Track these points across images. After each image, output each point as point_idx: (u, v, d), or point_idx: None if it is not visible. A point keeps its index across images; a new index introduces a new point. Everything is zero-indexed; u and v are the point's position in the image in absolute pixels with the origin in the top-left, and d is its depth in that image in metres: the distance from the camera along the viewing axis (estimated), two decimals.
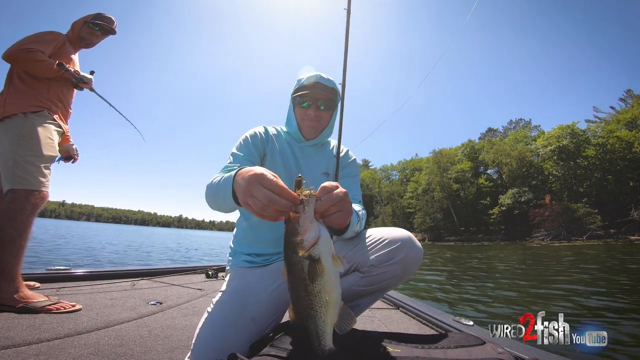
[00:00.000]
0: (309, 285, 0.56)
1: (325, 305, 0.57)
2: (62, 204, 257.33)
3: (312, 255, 0.56)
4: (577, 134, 31.72)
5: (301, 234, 0.56)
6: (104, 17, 1.78)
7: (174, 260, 8.07)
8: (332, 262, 0.57)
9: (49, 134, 1.53)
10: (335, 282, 0.58)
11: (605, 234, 25.19)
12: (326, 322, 0.58)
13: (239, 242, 1.09)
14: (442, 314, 1.57)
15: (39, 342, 1.01)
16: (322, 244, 0.56)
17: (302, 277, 0.57)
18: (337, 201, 0.60)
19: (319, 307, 0.57)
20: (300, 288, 0.58)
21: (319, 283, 0.56)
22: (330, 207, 0.59)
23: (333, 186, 0.60)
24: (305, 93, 1.06)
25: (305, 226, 0.56)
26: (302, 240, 0.56)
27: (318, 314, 0.58)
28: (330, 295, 0.57)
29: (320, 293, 0.57)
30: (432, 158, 44.89)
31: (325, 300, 0.57)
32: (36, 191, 1.43)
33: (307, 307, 0.58)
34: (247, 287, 0.90)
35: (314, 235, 0.56)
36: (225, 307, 0.85)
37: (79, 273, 2.16)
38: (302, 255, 0.55)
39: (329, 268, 0.56)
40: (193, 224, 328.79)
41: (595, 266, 7.10)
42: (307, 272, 0.56)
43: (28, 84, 1.54)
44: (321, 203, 0.59)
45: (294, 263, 0.57)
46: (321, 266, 0.56)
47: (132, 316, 1.38)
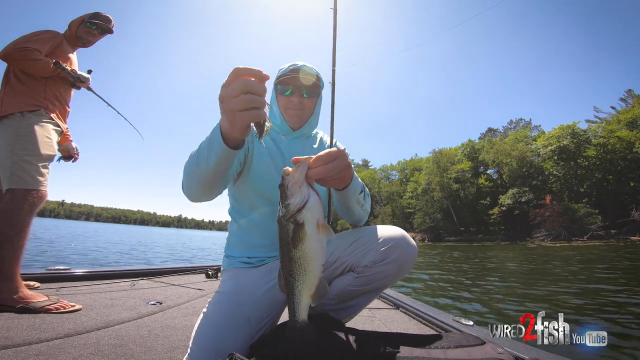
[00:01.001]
0: (291, 251, 0.57)
1: (304, 273, 0.57)
2: (62, 203, 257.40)
3: (296, 220, 0.56)
4: (578, 134, 31.68)
5: (288, 197, 0.56)
6: (101, 16, 1.78)
7: (182, 259, 8.07)
8: (315, 229, 0.57)
9: (47, 133, 1.53)
10: (316, 250, 0.57)
11: (606, 234, 25.15)
12: (302, 292, 0.59)
13: (232, 248, 1.06)
14: (442, 313, 1.57)
15: (39, 342, 1.01)
16: (307, 209, 0.56)
17: (286, 241, 0.57)
18: (333, 171, 0.60)
19: (297, 275, 0.58)
20: (284, 252, 0.58)
21: (300, 249, 0.56)
22: (325, 175, 0.60)
23: (331, 156, 0.60)
24: (287, 79, 1.02)
25: (292, 190, 0.56)
26: (288, 204, 0.56)
27: (296, 281, 0.58)
28: (309, 263, 0.57)
29: (300, 259, 0.57)
30: (432, 158, 44.86)
31: (304, 268, 0.57)
32: (34, 190, 1.43)
33: (288, 273, 0.59)
34: (241, 288, 0.90)
35: (299, 200, 0.56)
36: (221, 308, 0.84)
37: (78, 273, 2.16)
38: (288, 218, 0.56)
39: (312, 235, 0.56)
40: (192, 224, 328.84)
41: (603, 266, 7.09)
42: (291, 236, 0.56)
43: (25, 83, 1.53)
44: (314, 172, 0.59)
45: (282, 227, 0.58)
46: (304, 232, 0.56)
47: (132, 316, 1.38)
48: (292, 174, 0.57)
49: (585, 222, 26.37)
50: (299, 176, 0.57)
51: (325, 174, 0.60)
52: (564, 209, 27.72)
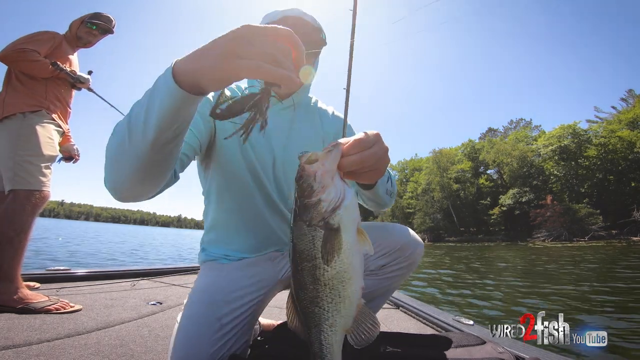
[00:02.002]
0: (320, 268, 0.40)
1: (338, 301, 0.40)
2: (61, 203, 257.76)
3: (329, 223, 0.39)
4: (579, 133, 31.68)
5: (318, 192, 0.40)
6: (101, 16, 1.78)
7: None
8: (355, 237, 0.41)
9: (48, 134, 1.53)
10: (356, 267, 0.41)
11: (607, 234, 25.11)
12: (336, 328, 0.42)
13: (209, 243, 0.90)
14: (443, 313, 1.57)
15: (39, 342, 1.01)
16: (345, 209, 0.40)
17: (311, 255, 0.40)
18: (373, 162, 0.44)
19: (328, 303, 0.40)
20: (306, 272, 0.41)
21: (335, 265, 0.40)
22: (363, 166, 0.44)
23: (370, 141, 0.44)
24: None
25: (324, 182, 0.40)
26: (320, 200, 0.40)
27: (325, 313, 0.41)
28: (347, 285, 0.40)
29: (334, 280, 0.40)
30: (432, 158, 44.87)
31: (338, 292, 0.40)
32: (37, 191, 1.43)
33: (311, 301, 0.41)
34: (214, 286, 0.77)
35: (335, 195, 0.40)
36: (193, 306, 0.74)
37: (79, 273, 2.16)
38: (317, 222, 0.40)
39: (352, 245, 0.40)
40: (192, 224, 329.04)
41: (605, 266, 7.08)
42: (322, 247, 0.39)
43: (26, 84, 1.54)
44: (350, 161, 0.43)
45: (302, 234, 0.41)
46: (340, 240, 0.40)
47: (132, 316, 1.38)
48: (321, 161, 0.41)
49: (586, 222, 26.33)
50: (330, 164, 0.41)
51: (362, 164, 0.43)
52: (564, 209, 27.70)
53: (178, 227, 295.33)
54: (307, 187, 0.41)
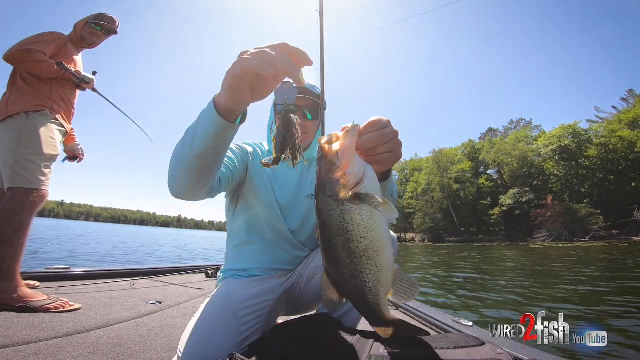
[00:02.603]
0: (354, 241, 0.41)
1: (377, 271, 0.42)
2: (61, 203, 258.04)
3: (359, 195, 0.41)
4: (579, 133, 31.65)
5: (342, 167, 0.42)
6: (105, 17, 1.78)
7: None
8: (381, 207, 0.42)
9: (51, 133, 1.53)
10: (386, 235, 0.43)
11: (608, 234, 25.09)
12: (379, 296, 0.43)
13: (227, 261, 1.11)
14: (442, 314, 1.57)
15: (38, 341, 1.01)
16: (368, 181, 0.42)
17: (343, 228, 0.41)
18: (387, 140, 0.47)
19: (367, 275, 0.42)
20: (341, 246, 0.42)
21: (367, 236, 0.41)
22: (378, 145, 0.47)
23: (384, 123, 0.48)
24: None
25: (347, 158, 0.42)
26: (345, 175, 0.41)
27: (368, 284, 0.42)
28: (381, 253, 0.42)
29: (369, 251, 0.41)
30: (432, 158, 44.86)
31: (375, 261, 0.42)
32: (35, 190, 1.43)
33: (351, 275, 0.43)
34: (231, 291, 0.92)
35: (358, 169, 0.42)
36: (210, 306, 0.86)
37: (78, 272, 2.16)
38: (344, 196, 0.41)
39: (379, 213, 0.42)
40: (192, 224, 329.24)
41: (607, 265, 7.07)
42: (350, 221, 0.41)
43: (30, 84, 1.55)
44: (366, 138, 0.46)
45: (331, 210, 0.42)
46: (370, 211, 0.41)
47: (131, 315, 1.38)
48: (341, 139, 0.43)
49: (587, 222, 26.32)
50: (349, 142, 0.43)
51: (378, 142, 0.47)
52: (565, 209, 27.69)
53: (178, 228, 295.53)
54: (329, 164, 0.43)
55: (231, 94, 0.53)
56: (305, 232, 1.04)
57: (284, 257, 1.03)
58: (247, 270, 1.02)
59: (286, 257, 1.04)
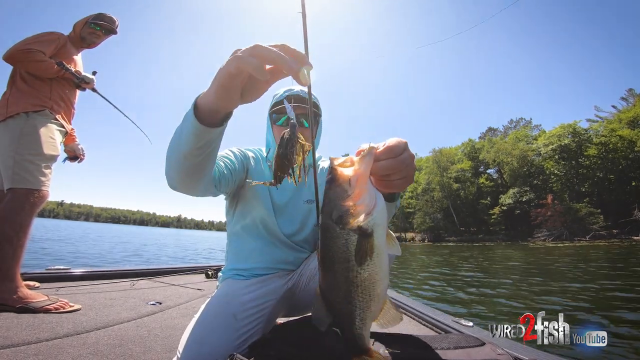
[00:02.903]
0: (353, 271, 0.42)
1: (369, 299, 0.43)
2: (61, 203, 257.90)
3: (363, 228, 0.41)
4: (579, 133, 31.62)
5: (353, 197, 0.42)
6: (104, 17, 1.78)
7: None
8: (385, 241, 0.43)
9: (51, 133, 1.53)
10: (385, 269, 0.44)
11: (608, 234, 25.07)
12: (366, 321, 0.44)
13: (228, 261, 1.12)
14: (442, 314, 1.57)
15: (38, 341, 1.01)
16: (377, 214, 0.42)
17: (344, 257, 0.42)
18: (403, 168, 0.46)
19: (359, 301, 0.43)
20: (340, 273, 0.43)
21: (367, 268, 0.42)
22: (393, 173, 0.46)
23: (401, 148, 0.46)
24: (282, 107, 0.98)
25: (360, 187, 0.42)
26: (355, 206, 0.41)
27: (357, 310, 0.43)
28: (377, 286, 0.43)
29: (366, 282, 0.42)
30: (432, 157, 44.84)
31: (369, 292, 0.43)
32: (36, 190, 1.43)
33: (344, 299, 0.44)
34: (231, 291, 0.92)
35: (370, 200, 0.42)
36: (210, 306, 0.87)
37: (78, 273, 2.16)
38: (351, 227, 0.41)
39: (383, 249, 0.42)
40: (192, 224, 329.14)
41: (607, 265, 7.07)
42: (355, 251, 0.41)
43: (30, 84, 1.54)
44: (382, 165, 0.44)
45: (335, 237, 0.42)
46: (373, 245, 0.41)
47: (131, 316, 1.38)
48: (357, 165, 0.43)
49: (587, 222, 26.30)
50: (365, 169, 0.42)
51: (393, 169, 0.46)
52: (565, 209, 27.68)
53: (178, 227, 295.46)
54: (340, 190, 0.42)
55: (221, 93, 0.49)
56: (303, 234, 1.05)
57: (284, 257, 1.04)
58: (247, 269, 1.03)
59: (286, 257, 1.04)
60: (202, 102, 0.54)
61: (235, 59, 0.44)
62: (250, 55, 0.43)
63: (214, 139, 0.59)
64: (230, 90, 0.49)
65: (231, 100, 0.51)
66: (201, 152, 0.60)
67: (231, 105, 0.53)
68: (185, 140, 0.58)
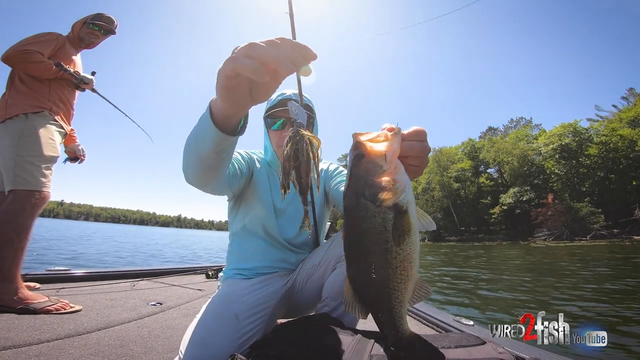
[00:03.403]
0: (392, 252, 0.40)
1: (407, 280, 0.42)
2: (61, 203, 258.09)
3: (399, 205, 0.39)
4: (580, 132, 31.57)
5: (389, 172, 0.40)
6: (103, 17, 1.78)
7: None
8: (417, 217, 0.41)
9: (50, 135, 1.53)
10: (418, 247, 0.42)
11: (609, 234, 25.02)
12: (404, 302, 0.43)
13: (229, 261, 1.12)
14: (442, 313, 1.57)
15: (39, 342, 1.02)
16: (409, 190, 0.40)
17: (383, 238, 0.40)
18: (423, 155, 0.46)
19: (398, 283, 0.41)
20: (377, 255, 0.41)
21: (405, 247, 0.40)
22: (413, 156, 0.45)
23: (424, 135, 0.46)
24: (276, 112, 0.99)
25: (393, 163, 0.40)
26: (392, 181, 0.39)
27: (395, 292, 0.42)
28: (414, 265, 0.42)
29: (404, 263, 0.40)
30: (432, 157, 44.72)
31: (407, 273, 0.41)
32: (37, 191, 1.43)
33: (381, 283, 0.42)
34: (233, 292, 0.92)
35: (404, 177, 0.40)
36: (212, 306, 0.87)
37: (79, 274, 2.16)
38: (388, 204, 0.39)
39: (416, 227, 0.41)
40: (192, 224, 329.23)
41: (607, 265, 7.06)
42: (393, 230, 0.39)
43: (29, 85, 1.54)
44: (408, 145, 0.43)
45: (371, 216, 0.40)
46: (410, 221, 0.40)
47: (132, 317, 1.39)
48: (390, 141, 0.41)
49: (588, 221, 26.25)
50: (398, 146, 0.41)
51: (418, 153, 0.45)
52: (566, 208, 27.63)
53: (178, 227, 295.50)
54: (374, 166, 0.40)
55: (226, 96, 0.47)
56: (303, 236, 1.07)
57: (285, 257, 1.06)
58: (249, 269, 1.04)
59: (287, 258, 1.06)
60: (214, 106, 0.53)
61: (230, 60, 0.42)
62: (245, 56, 0.41)
63: (230, 146, 0.60)
64: (233, 91, 0.46)
65: (237, 102, 0.48)
66: (217, 156, 0.61)
67: (240, 108, 0.50)
68: (202, 144, 0.58)
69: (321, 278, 0.95)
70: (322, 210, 1.15)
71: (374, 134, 0.43)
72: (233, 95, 0.47)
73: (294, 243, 1.07)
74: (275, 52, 0.40)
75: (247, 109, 0.52)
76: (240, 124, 0.57)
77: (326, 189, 1.15)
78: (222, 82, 0.45)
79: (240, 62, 0.40)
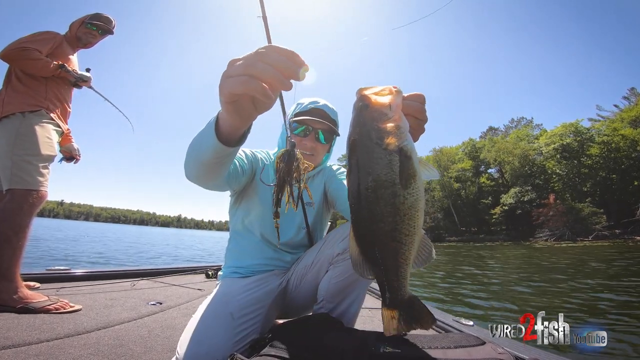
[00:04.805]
0: (400, 196, 0.39)
1: (414, 233, 0.41)
2: (61, 203, 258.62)
3: (404, 150, 0.40)
4: (581, 132, 31.46)
5: (394, 119, 0.42)
6: (101, 17, 1.78)
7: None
8: (420, 166, 0.42)
9: (47, 133, 1.53)
10: (423, 196, 0.42)
11: (611, 234, 24.91)
12: (409, 260, 0.42)
13: (227, 259, 1.14)
14: (442, 314, 1.56)
15: (38, 342, 1.02)
16: (410, 140, 0.42)
17: (390, 180, 0.39)
18: (421, 118, 0.49)
19: (405, 236, 0.40)
20: (385, 200, 0.40)
21: (412, 192, 0.39)
22: (412, 115, 0.48)
23: (424, 99, 0.50)
24: (304, 119, 1.00)
25: (397, 112, 0.42)
26: (398, 126, 0.41)
27: (402, 246, 0.40)
28: (420, 215, 0.41)
29: (412, 210, 0.40)
30: (433, 157, 44.75)
31: (414, 223, 0.40)
32: (34, 191, 1.43)
33: (388, 235, 0.40)
34: (229, 291, 0.93)
35: (407, 126, 0.43)
36: (208, 305, 0.88)
37: (78, 273, 2.16)
38: (394, 147, 0.40)
39: (421, 175, 0.41)
40: (192, 224, 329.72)
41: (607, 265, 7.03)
42: (400, 172, 0.39)
43: (26, 83, 1.54)
44: (408, 104, 0.47)
45: (378, 158, 0.40)
46: (414, 166, 0.40)
47: (132, 316, 1.39)
48: (394, 96, 0.43)
49: (590, 221, 26.13)
50: (400, 102, 0.44)
51: (416, 111, 0.49)
52: (567, 209, 27.52)
53: (178, 227, 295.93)
54: (379, 114, 0.42)
55: (232, 110, 0.47)
56: (299, 237, 1.08)
57: (278, 256, 1.08)
58: (245, 267, 1.05)
59: (280, 256, 1.08)
60: (221, 118, 0.55)
61: (227, 83, 0.42)
62: (244, 74, 0.40)
63: (231, 154, 0.63)
64: (238, 105, 0.46)
65: (243, 114, 0.48)
66: (218, 162, 0.64)
67: (246, 120, 0.51)
68: (204, 151, 0.61)
69: (315, 278, 0.96)
70: (321, 211, 1.15)
71: (378, 87, 0.45)
72: (238, 108, 0.47)
73: (290, 243, 1.08)
74: (273, 72, 0.40)
75: (252, 120, 0.52)
76: (242, 137, 0.59)
77: (326, 189, 1.15)
78: (228, 98, 0.45)
79: (239, 84, 0.41)
